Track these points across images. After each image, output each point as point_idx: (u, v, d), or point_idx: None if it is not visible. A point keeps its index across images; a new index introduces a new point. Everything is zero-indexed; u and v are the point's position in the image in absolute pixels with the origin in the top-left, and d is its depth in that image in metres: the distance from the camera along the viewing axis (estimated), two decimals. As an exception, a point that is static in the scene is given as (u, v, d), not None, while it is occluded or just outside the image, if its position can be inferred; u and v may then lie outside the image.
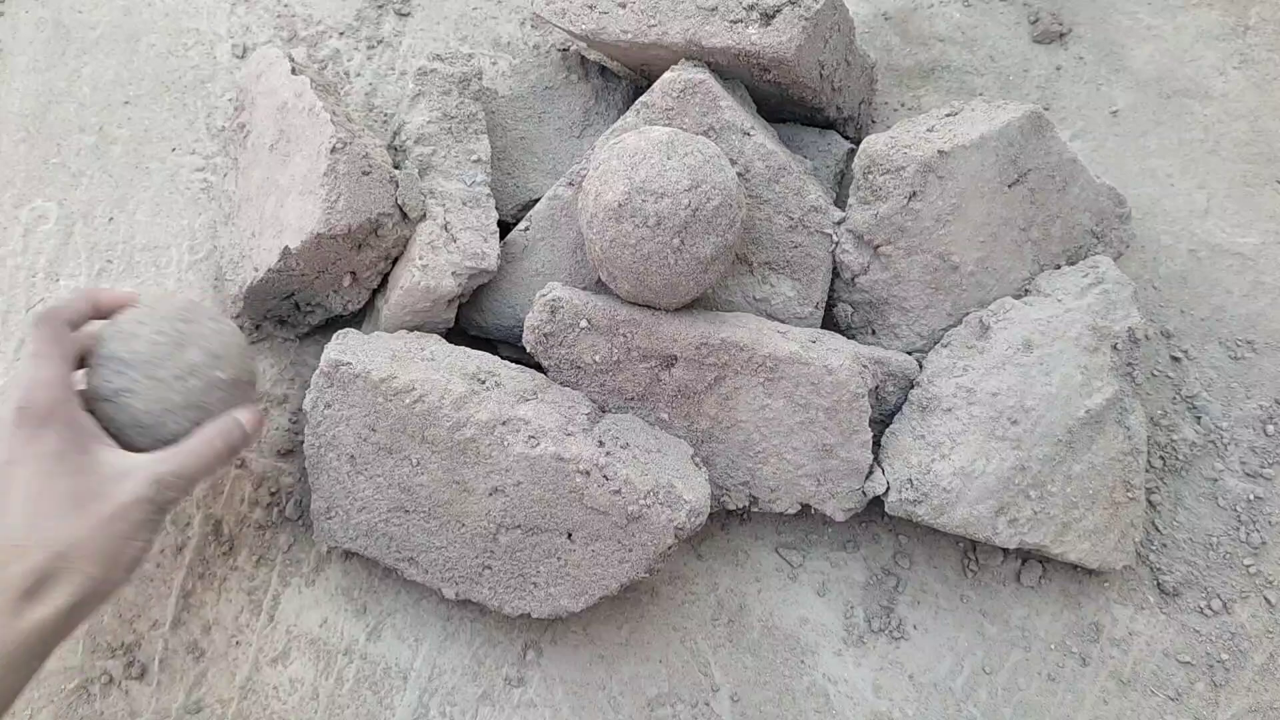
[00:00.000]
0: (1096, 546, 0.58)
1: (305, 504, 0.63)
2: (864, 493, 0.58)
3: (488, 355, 0.59)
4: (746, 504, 0.60)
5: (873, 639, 0.61)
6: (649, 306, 0.57)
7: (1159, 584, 0.62)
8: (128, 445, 0.49)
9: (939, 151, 0.57)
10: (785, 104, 0.66)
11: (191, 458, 0.49)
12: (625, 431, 0.56)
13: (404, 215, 0.60)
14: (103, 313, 0.52)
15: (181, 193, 0.71)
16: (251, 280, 0.61)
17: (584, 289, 0.59)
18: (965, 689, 0.60)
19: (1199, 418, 0.66)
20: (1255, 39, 0.76)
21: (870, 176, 0.59)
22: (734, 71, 0.62)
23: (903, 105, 0.76)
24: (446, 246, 0.60)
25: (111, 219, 0.71)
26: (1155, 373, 0.67)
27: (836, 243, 0.61)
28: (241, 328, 0.68)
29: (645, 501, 0.52)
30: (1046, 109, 0.74)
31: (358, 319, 0.66)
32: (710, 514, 0.57)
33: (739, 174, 0.59)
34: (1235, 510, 0.64)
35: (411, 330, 0.61)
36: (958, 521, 0.56)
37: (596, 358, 0.57)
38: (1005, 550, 0.63)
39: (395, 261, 0.62)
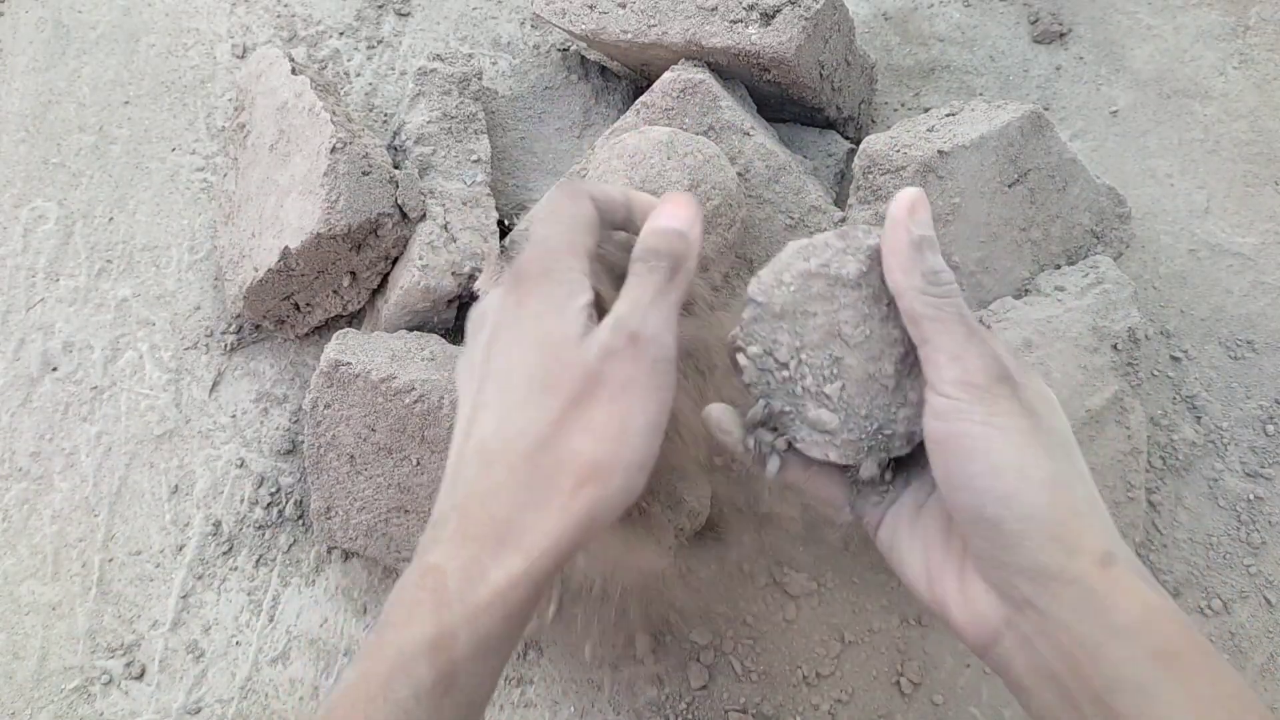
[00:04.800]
0: (1096, 546, 0.58)
1: (305, 504, 0.63)
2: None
3: (488, 355, 0.59)
4: (746, 503, 0.60)
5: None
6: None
7: (1159, 584, 0.62)
8: None
9: (939, 151, 0.57)
10: (785, 104, 0.66)
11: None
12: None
13: (404, 215, 0.60)
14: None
15: (181, 193, 0.71)
16: (251, 280, 0.61)
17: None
18: (966, 689, 0.60)
19: (1199, 418, 0.66)
20: (1255, 39, 0.76)
21: (870, 176, 0.59)
22: (734, 71, 0.62)
23: (903, 105, 0.76)
24: (446, 246, 0.60)
25: (111, 219, 0.71)
26: (1155, 373, 0.67)
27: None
28: (241, 328, 0.68)
29: (645, 502, 0.52)
30: (1046, 109, 0.74)
31: (358, 319, 0.66)
32: (710, 512, 0.57)
33: (739, 174, 0.59)
34: (1235, 510, 0.64)
35: (411, 330, 0.61)
36: (958, 521, 0.56)
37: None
38: (1005, 550, 0.63)
39: (395, 261, 0.62)
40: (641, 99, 0.61)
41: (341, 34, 0.76)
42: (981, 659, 0.35)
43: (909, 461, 0.39)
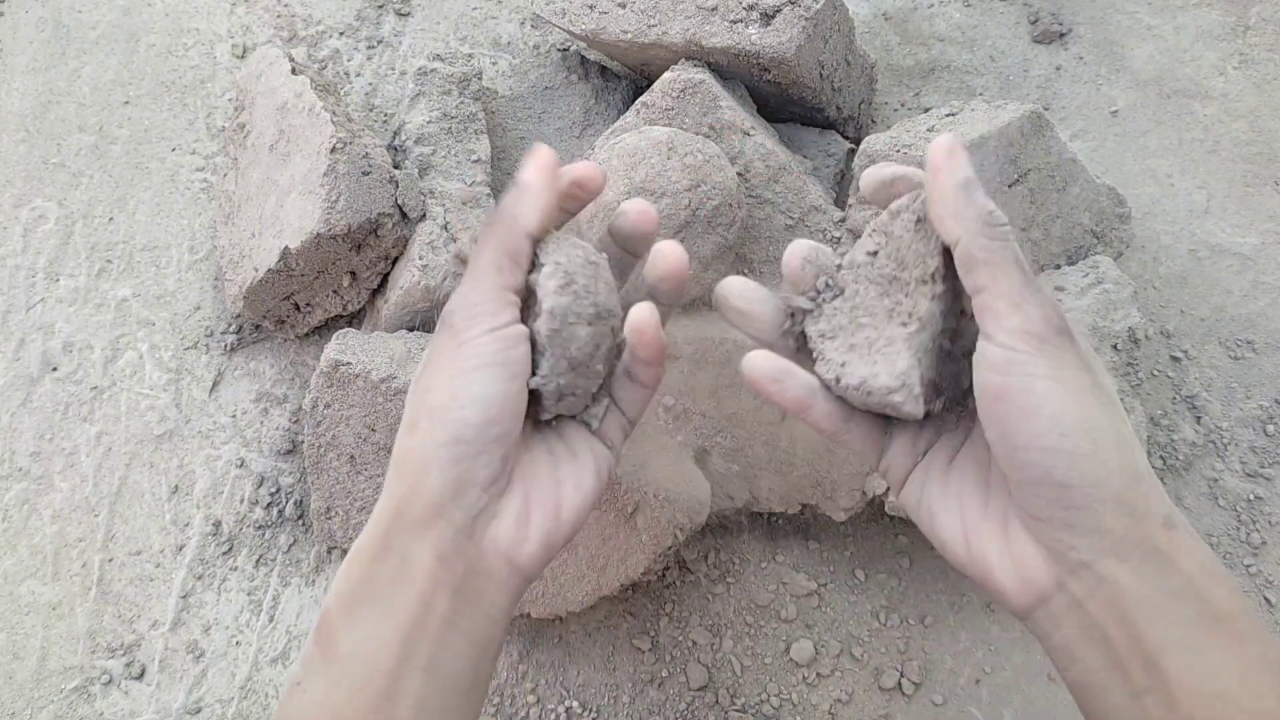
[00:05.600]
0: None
1: (305, 504, 0.63)
2: (864, 492, 0.58)
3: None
4: (746, 503, 0.60)
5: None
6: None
7: (1159, 584, 0.62)
8: None
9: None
10: (785, 104, 0.66)
11: None
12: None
13: (404, 215, 0.60)
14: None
15: (181, 193, 0.71)
16: (251, 280, 0.61)
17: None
18: (966, 689, 0.60)
19: (1199, 418, 0.66)
20: (1255, 39, 0.76)
21: (870, 176, 0.59)
22: (734, 71, 0.62)
23: (903, 105, 0.76)
24: (446, 246, 0.60)
25: (111, 219, 0.71)
26: (1155, 373, 0.67)
27: (837, 242, 0.61)
28: (241, 328, 0.68)
29: (645, 501, 0.52)
30: (1046, 109, 0.74)
31: (358, 319, 0.66)
32: (710, 512, 0.57)
33: (739, 174, 0.59)
34: (1235, 510, 0.64)
35: (411, 330, 0.61)
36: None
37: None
38: (1005, 550, 0.63)
39: (395, 261, 0.62)
40: (641, 99, 0.61)
41: (341, 34, 0.76)
42: (1022, 620, 0.34)
43: (940, 414, 0.37)
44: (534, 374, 0.35)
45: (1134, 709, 0.31)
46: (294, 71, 0.62)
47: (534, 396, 0.36)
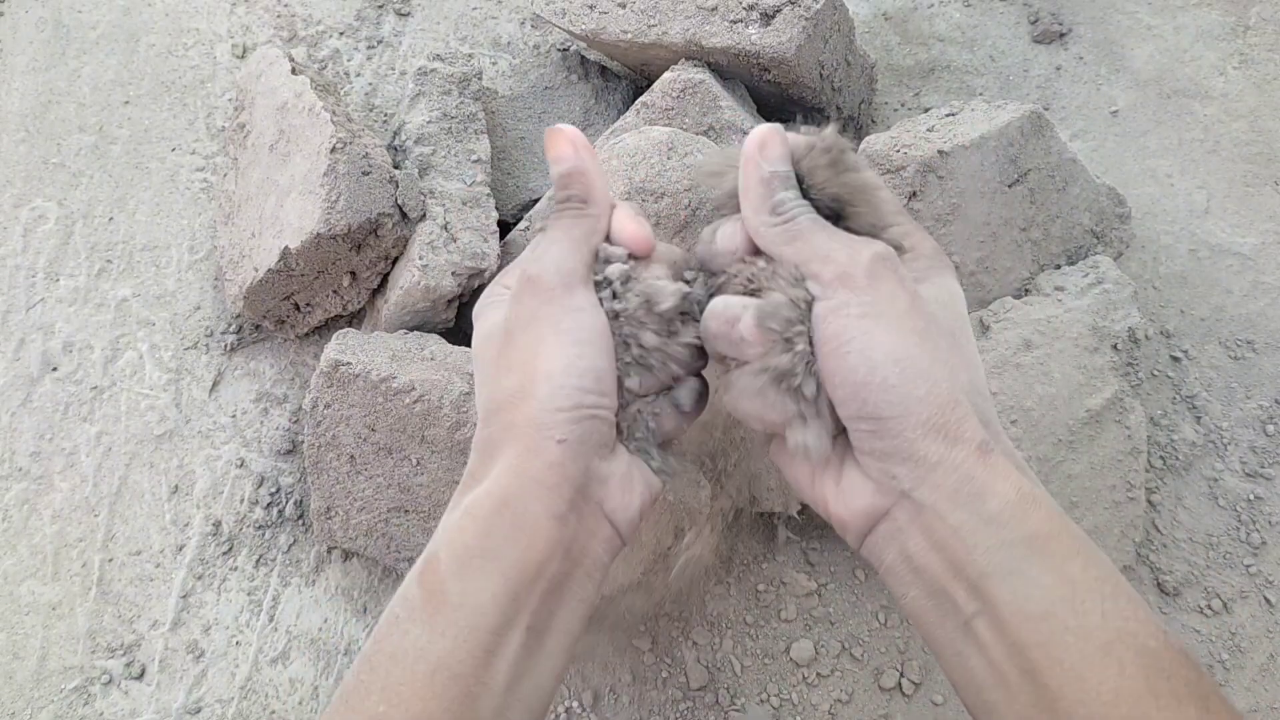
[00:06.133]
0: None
1: (305, 504, 0.63)
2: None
3: (488, 355, 0.59)
4: (747, 503, 0.60)
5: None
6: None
7: (1159, 584, 0.62)
8: None
9: (939, 151, 0.57)
10: (785, 104, 0.66)
11: None
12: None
13: (404, 215, 0.60)
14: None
15: (181, 193, 0.71)
16: (251, 280, 0.61)
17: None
18: (965, 689, 0.60)
19: (1199, 418, 0.66)
20: (1255, 39, 0.76)
21: (870, 176, 0.59)
22: (734, 71, 0.62)
23: (903, 105, 0.76)
24: (446, 246, 0.60)
25: (111, 219, 0.71)
26: (1155, 373, 0.67)
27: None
28: (241, 328, 0.68)
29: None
30: (1046, 109, 0.74)
31: (358, 319, 0.66)
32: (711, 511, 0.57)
33: (739, 174, 0.59)
34: (1235, 510, 0.64)
35: (411, 330, 0.61)
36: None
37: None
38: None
39: (395, 261, 0.62)
40: (641, 99, 0.61)
41: (341, 34, 0.76)
42: (857, 552, 0.36)
43: None
44: None
45: (965, 638, 0.31)
46: (294, 71, 0.63)
47: None
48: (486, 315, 0.39)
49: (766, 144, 0.36)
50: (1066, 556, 0.30)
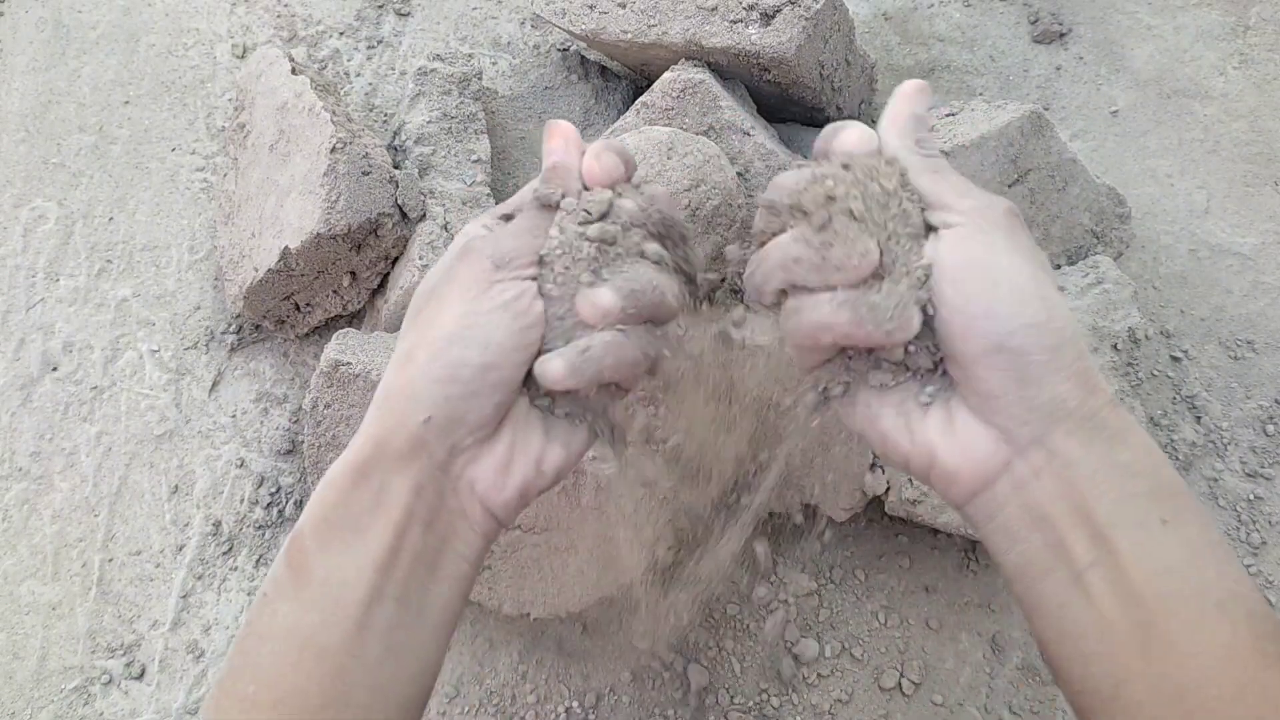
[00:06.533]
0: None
1: (305, 504, 0.63)
2: (864, 492, 0.58)
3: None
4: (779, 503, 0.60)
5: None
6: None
7: (1159, 584, 0.62)
8: None
9: (939, 151, 0.57)
10: (785, 104, 0.66)
11: None
12: (625, 431, 0.56)
13: (404, 215, 0.60)
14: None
15: (181, 193, 0.71)
16: (251, 280, 0.61)
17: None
18: (966, 689, 0.60)
19: (1199, 418, 0.66)
20: (1255, 39, 0.76)
21: (870, 176, 0.59)
22: (734, 71, 0.62)
23: (903, 105, 0.76)
24: (446, 246, 0.60)
25: (111, 219, 0.71)
26: (1155, 373, 0.67)
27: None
28: (241, 328, 0.68)
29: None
30: (1046, 109, 0.74)
31: (358, 319, 0.66)
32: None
33: (739, 174, 0.59)
34: (1235, 510, 0.64)
35: (411, 330, 0.61)
36: (958, 521, 0.56)
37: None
38: (1005, 550, 0.63)
39: (395, 261, 0.62)
40: (641, 99, 0.61)
41: (341, 34, 0.76)
42: (962, 508, 0.34)
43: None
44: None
45: (1073, 589, 0.31)
46: (294, 71, 0.63)
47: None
48: (423, 283, 0.37)
49: (922, 89, 0.36)
50: (1186, 516, 0.30)
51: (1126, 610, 0.30)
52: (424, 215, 0.61)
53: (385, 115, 0.73)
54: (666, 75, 0.60)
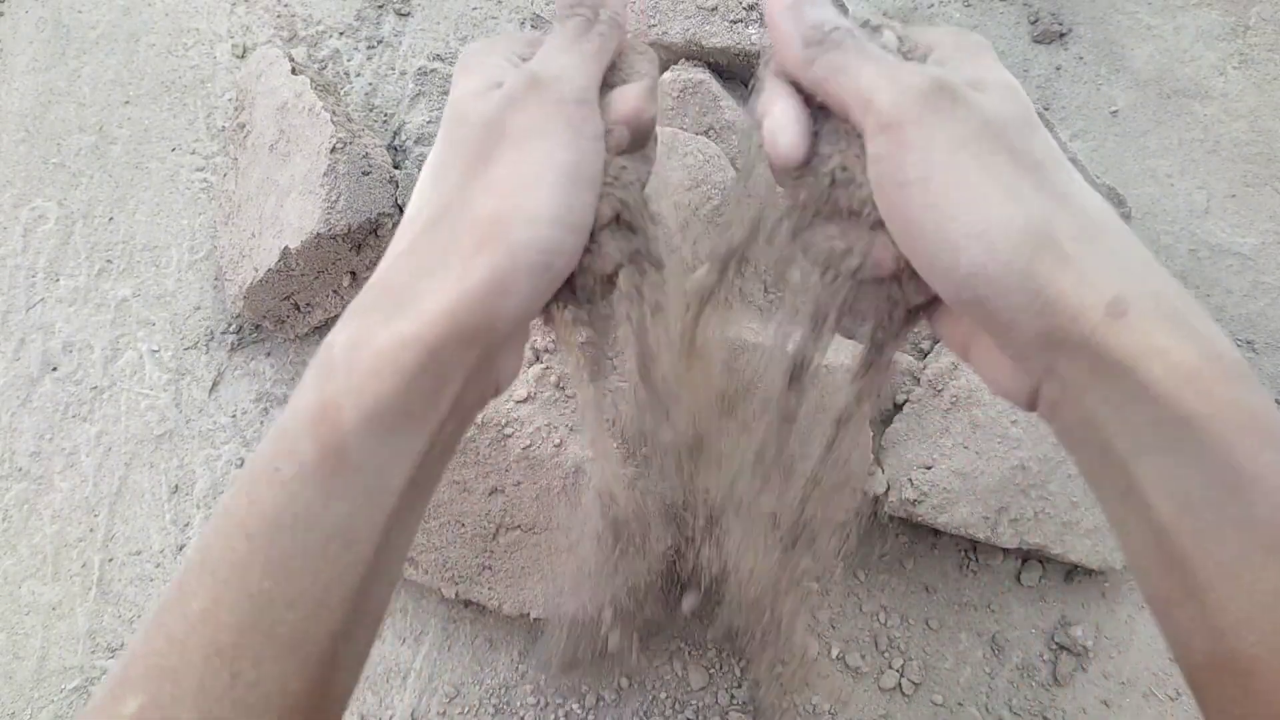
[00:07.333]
0: (1096, 546, 0.58)
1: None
2: (864, 492, 0.58)
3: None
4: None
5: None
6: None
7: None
8: None
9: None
10: (785, 104, 0.66)
11: None
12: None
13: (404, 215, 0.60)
14: None
15: (181, 193, 0.71)
16: (251, 280, 0.61)
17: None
18: (966, 689, 0.60)
19: (1199, 418, 0.66)
20: (1255, 39, 0.76)
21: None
22: (734, 71, 0.62)
23: (903, 105, 0.76)
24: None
25: (111, 219, 0.71)
26: (1155, 373, 0.67)
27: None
28: (241, 328, 0.68)
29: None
30: (1046, 109, 0.74)
31: (358, 319, 0.66)
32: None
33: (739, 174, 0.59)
34: (1235, 510, 0.64)
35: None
36: (958, 521, 0.56)
37: (596, 358, 0.57)
38: (1005, 550, 0.63)
39: (395, 261, 0.62)
40: (641, 99, 0.61)
41: (341, 34, 0.76)
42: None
43: None
44: None
45: (1122, 507, 0.28)
46: (294, 71, 0.63)
47: None
48: (470, 106, 0.31)
49: None
50: (1233, 439, 0.25)
51: (1158, 547, 0.27)
52: (424, 215, 0.61)
53: (385, 115, 0.73)
54: (666, 75, 0.60)
